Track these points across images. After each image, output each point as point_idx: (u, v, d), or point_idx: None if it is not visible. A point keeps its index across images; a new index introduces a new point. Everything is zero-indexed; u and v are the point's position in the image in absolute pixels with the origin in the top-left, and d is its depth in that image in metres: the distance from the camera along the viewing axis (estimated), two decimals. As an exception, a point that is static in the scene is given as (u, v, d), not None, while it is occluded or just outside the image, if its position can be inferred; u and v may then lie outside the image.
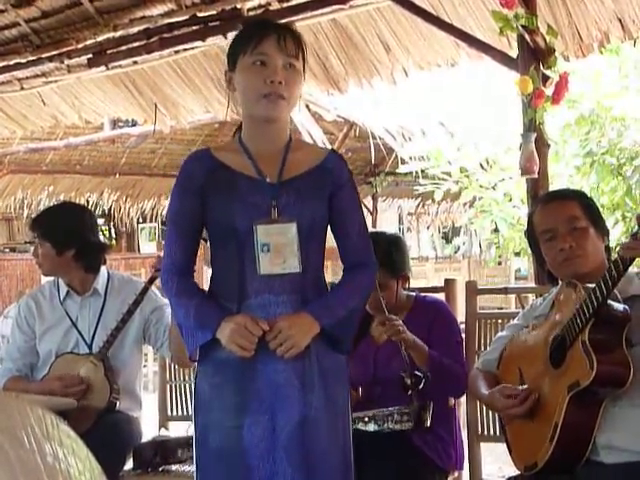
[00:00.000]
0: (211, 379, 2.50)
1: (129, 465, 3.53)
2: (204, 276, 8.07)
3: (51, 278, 3.85)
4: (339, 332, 2.53)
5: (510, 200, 6.88)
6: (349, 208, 2.59)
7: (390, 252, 3.33)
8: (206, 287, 2.59)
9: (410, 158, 8.05)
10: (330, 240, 2.58)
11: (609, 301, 2.42)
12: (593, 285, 2.42)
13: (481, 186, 7.11)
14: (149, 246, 17.42)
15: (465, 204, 8.36)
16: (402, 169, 8.32)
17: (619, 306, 2.47)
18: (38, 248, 3.70)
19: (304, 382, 2.44)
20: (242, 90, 2.52)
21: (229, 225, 2.47)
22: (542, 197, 3.10)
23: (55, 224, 3.71)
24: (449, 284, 3.62)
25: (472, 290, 3.59)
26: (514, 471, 2.75)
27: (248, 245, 2.45)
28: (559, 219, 2.75)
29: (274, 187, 2.49)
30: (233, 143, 2.61)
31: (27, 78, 6.32)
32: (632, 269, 2.46)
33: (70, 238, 3.68)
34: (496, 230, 7.26)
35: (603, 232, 2.76)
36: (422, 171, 7.83)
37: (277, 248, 2.45)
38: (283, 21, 4.97)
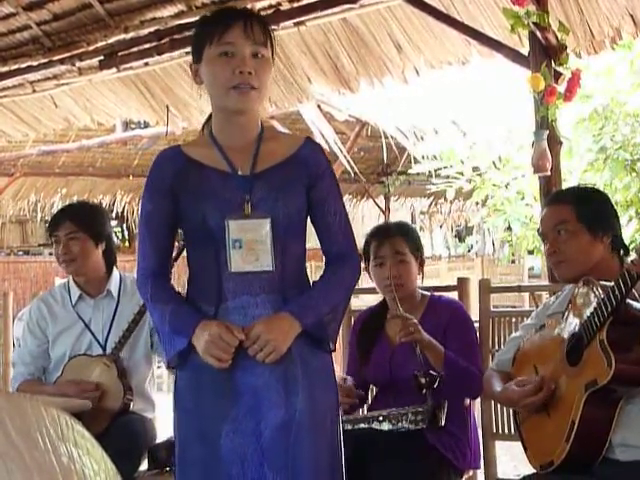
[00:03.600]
0: (189, 385, 2.42)
1: (144, 466, 3.54)
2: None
3: (62, 281, 3.85)
4: (322, 330, 2.43)
5: (523, 198, 6.88)
6: (328, 198, 2.48)
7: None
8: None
9: (423, 157, 8.05)
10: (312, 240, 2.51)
11: (628, 300, 2.41)
12: (611, 284, 2.41)
13: (494, 185, 7.11)
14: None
15: (478, 203, 8.35)
16: (415, 169, 8.33)
17: (638, 305, 2.45)
18: (71, 244, 3.65)
19: (287, 385, 2.35)
20: (210, 83, 2.42)
21: (202, 223, 2.38)
22: (546, 199, 3.11)
23: (90, 216, 3.71)
24: (462, 283, 3.61)
25: (485, 288, 3.58)
26: (530, 470, 2.74)
27: (223, 243, 2.36)
28: (549, 224, 2.80)
29: (247, 180, 2.40)
30: (203, 137, 2.51)
31: (39, 81, 6.33)
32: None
33: (104, 231, 3.70)
34: (509, 228, 7.25)
35: (603, 232, 2.72)
36: (435, 170, 7.83)
37: (249, 245, 2.35)
38: (292, 21, 5.01)
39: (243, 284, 2.37)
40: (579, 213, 2.73)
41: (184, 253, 2.70)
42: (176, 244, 2.59)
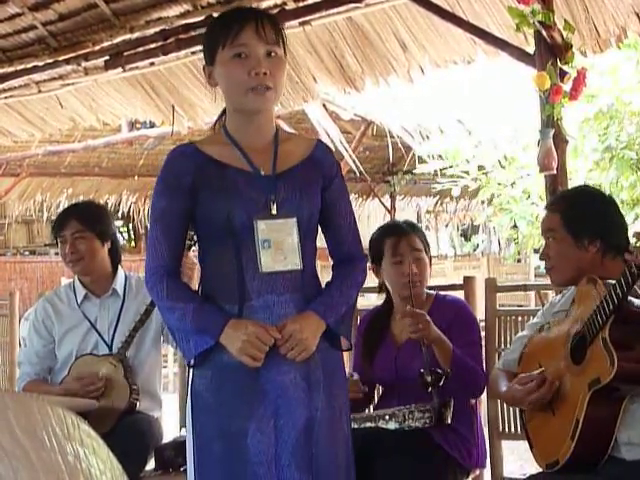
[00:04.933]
0: (211, 384, 2.40)
1: (151, 465, 3.54)
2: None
3: (68, 281, 3.86)
4: (341, 329, 2.48)
5: (528, 197, 6.88)
6: (340, 200, 2.52)
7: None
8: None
9: (428, 156, 8.05)
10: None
11: (629, 298, 2.41)
12: (613, 281, 2.41)
13: (499, 184, 7.11)
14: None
15: (484, 202, 8.36)
16: (420, 169, 8.33)
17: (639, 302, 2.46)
18: (77, 243, 3.67)
19: (310, 383, 2.39)
20: (225, 85, 2.42)
21: (225, 222, 2.37)
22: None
23: (97, 216, 3.73)
24: (468, 282, 3.61)
25: (492, 287, 3.57)
26: (536, 469, 2.74)
27: (247, 242, 2.36)
28: (542, 231, 2.88)
29: (270, 180, 2.40)
30: (219, 135, 2.50)
31: (44, 81, 6.34)
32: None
33: (109, 230, 3.71)
34: (515, 227, 7.26)
35: (590, 240, 2.71)
36: (440, 170, 7.84)
37: (278, 244, 2.37)
38: (297, 21, 5.01)
39: (268, 283, 2.38)
40: (565, 222, 2.76)
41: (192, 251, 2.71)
42: None
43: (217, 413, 2.39)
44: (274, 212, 2.38)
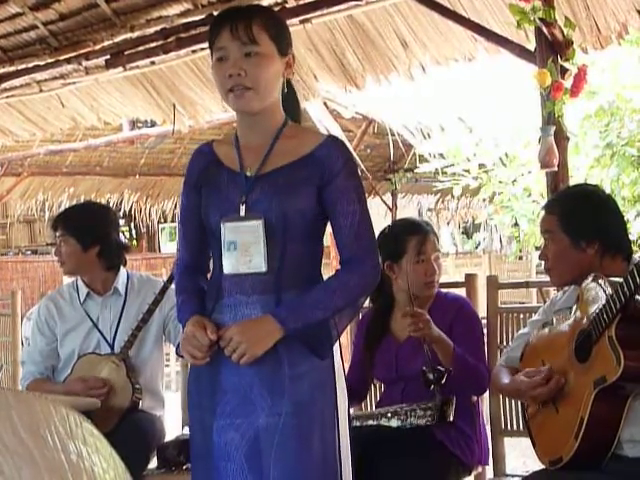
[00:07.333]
0: (193, 379, 2.48)
1: (153, 464, 3.54)
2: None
3: (70, 280, 3.87)
4: (312, 337, 2.36)
5: (529, 195, 6.88)
6: (340, 199, 2.38)
7: None
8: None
9: (429, 155, 8.05)
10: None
11: (637, 296, 2.40)
12: (620, 280, 2.41)
13: (500, 182, 7.12)
14: (170, 246, 17.42)
15: (485, 199, 8.36)
16: (421, 168, 8.33)
17: None
18: (61, 246, 3.71)
19: (272, 387, 2.32)
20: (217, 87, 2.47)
21: (206, 221, 2.43)
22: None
23: (80, 220, 3.74)
24: (470, 279, 3.61)
25: (493, 285, 3.58)
26: (538, 466, 2.74)
27: (221, 242, 2.39)
28: (541, 232, 2.90)
29: (249, 181, 2.39)
30: (231, 136, 2.53)
31: (46, 80, 6.34)
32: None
33: (95, 234, 3.71)
34: (516, 225, 7.26)
35: (587, 242, 2.71)
36: (441, 168, 7.84)
37: (244, 246, 2.34)
38: (298, 19, 5.01)
39: (237, 284, 2.38)
40: (562, 224, 2.77)
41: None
42: None
43: (197, 407, 2.46)
44: (242, 214, 2.36)
